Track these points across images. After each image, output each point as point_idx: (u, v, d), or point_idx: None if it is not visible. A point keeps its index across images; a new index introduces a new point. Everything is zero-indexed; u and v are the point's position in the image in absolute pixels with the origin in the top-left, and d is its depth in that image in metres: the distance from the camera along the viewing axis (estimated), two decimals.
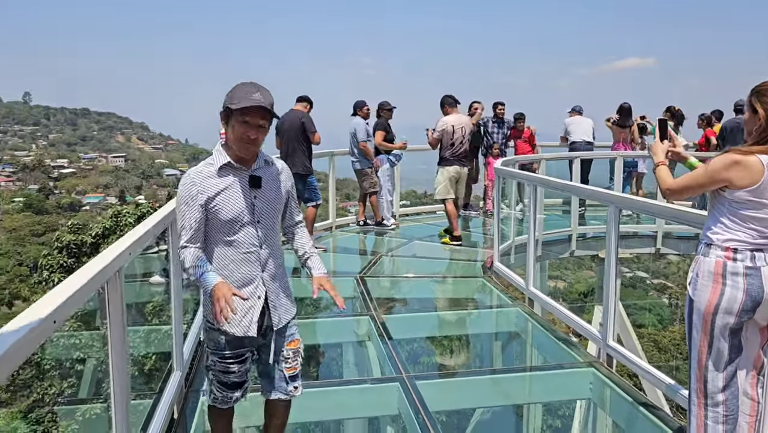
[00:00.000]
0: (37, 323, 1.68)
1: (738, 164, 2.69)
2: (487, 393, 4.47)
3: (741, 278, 2.73)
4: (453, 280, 7.43)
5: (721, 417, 2.87)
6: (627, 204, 4.34)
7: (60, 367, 8.58)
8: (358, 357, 5.11)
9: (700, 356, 2.88)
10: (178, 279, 4.08)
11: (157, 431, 3.30)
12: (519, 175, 7.13)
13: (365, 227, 9.44)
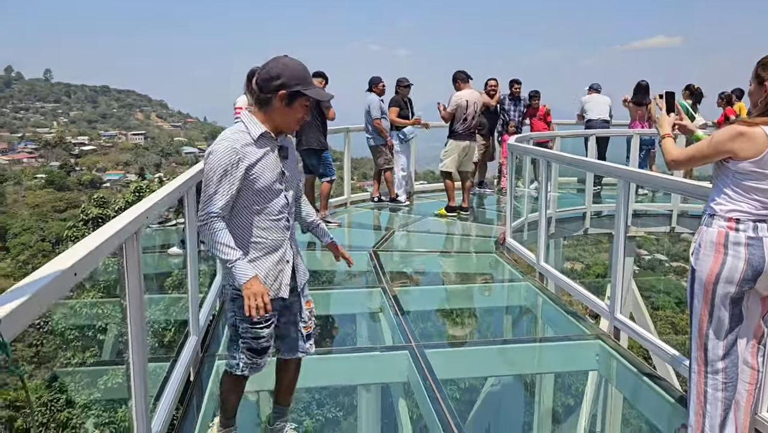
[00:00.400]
0: (59, 274, 1.78)
1: (742, 136, 2.71)
2: (495, 363, 4.56)
3: (743, 248, 2.77)
4: (465, 255, 7.50)
5: (720, 384, 2.93)
6: (636, 178, 4.36)
7: (83, 337, 8.83)
8: (370, 327, 5.23)
9: (701, 324, 2.93)
10: (194, 247, 4.20)
11: (174, 393, 3.43)
12: (532, 150, 7.14)
13: (380, 203, 9.52)
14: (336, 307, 5.73)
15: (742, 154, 2.72)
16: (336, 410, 4.17)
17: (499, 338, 5.24)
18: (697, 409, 2.99)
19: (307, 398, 4.30)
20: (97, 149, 76.74)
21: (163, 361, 4.24)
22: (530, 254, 6.12)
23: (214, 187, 2.51)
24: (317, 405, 4.45)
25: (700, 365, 2.97)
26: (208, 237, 2.52)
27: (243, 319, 2.71)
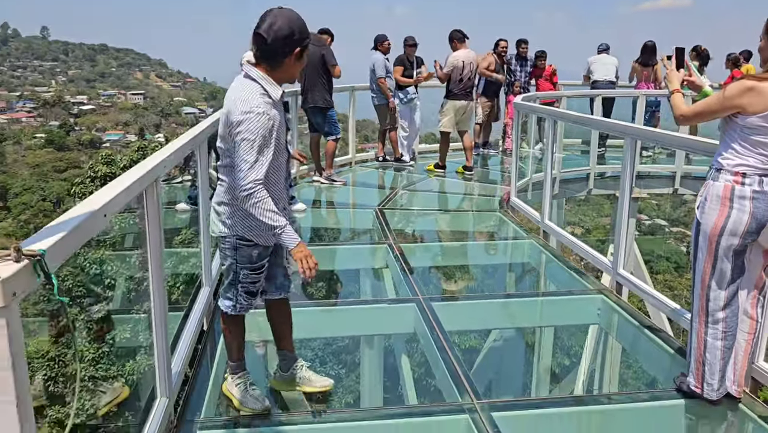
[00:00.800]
0: (91, 214, 1.85)
1: (752, 90, 2.75)
2: (500, 316, 4.68)
3: (748, 202, 2.83)
4: (470, 213, 7.58)
5: (720, 334, 3.03)
6: (643, 135, 4.39)
7: (107, 287, 8.83)
8: (376, 282, 5.33)
9: (704, 276, 3.02)
10: (206, 200, 4.27)
11: (189, 341, 3.55)
12: (537, 109, 7.15)
13: (384, 162, 9.55)
14: (342, 263, 5.82)
15: (750, 109, 2.77)
16: (343, 363, 4.30)
17: (503, 292, 5.35)
18: (697, 357, 3.10)
19: (311, 355, 4.42)
20: (96, 109, 76.10)
21: (176, 311, 4.35)
22: (534, 213, 6.19)
23: (255, 155, 2.53)
24: (321, 361, 4.57)
25: (702, 315, 3.07)
26: (256, 205, 2.55)
27: (244, 266, 2.89)
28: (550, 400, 4.11)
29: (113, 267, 5.81)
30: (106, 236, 6.45)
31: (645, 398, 3.37)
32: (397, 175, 9.09)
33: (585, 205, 26.26)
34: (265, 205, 2.55)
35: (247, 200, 2.54)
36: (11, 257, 1.41)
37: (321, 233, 6.50)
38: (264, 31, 2.57)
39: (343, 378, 4.31)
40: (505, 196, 7.37)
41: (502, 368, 5.08)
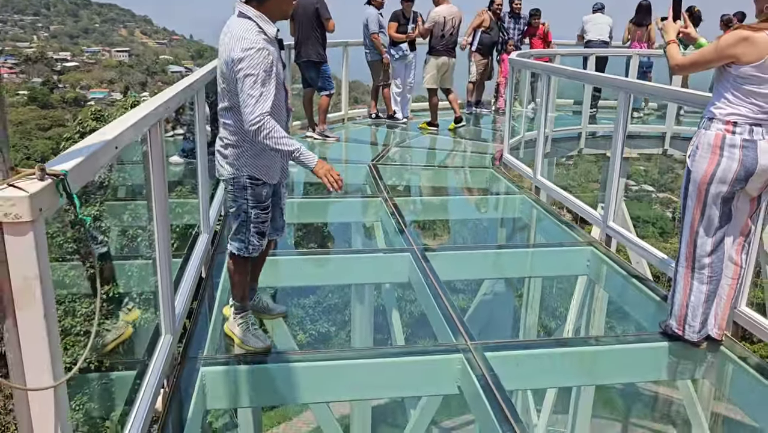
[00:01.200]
0: (104, 144, 1.89)
1: (746, 40, 2.81)
2: (493, 266, 4.80)
3: (738, 150, 2.92)
4: (462, 170, 7.65)
5: (705, 279, 3.16)
6: (636, 89, 4.44)
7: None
8: (371, 233, 5.42)
9: (693, 222, 3.12)
10: (204, 148, 4.29)
11: (188, 288, 3.62)
12: (532, 64, 7.16)
13: (377, 119, 9.53)
14: (336, 216, 5.90)
15: (744, 59, 2.83)
16: (341, 309, 4.41)
17: (495, 243, 5.46)
18: (682, 300, 3.23)
19: (309, 302, 4.53)
20: (80, 66, 74.50)
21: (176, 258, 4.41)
22: (527, 168, 6.27)
23: (259, 89, 2.59)
24: (320, 308, 4.68)
25: (689, 260, 3.18)
26: (268, 136, 2.61)
27: (255, 206, 2.96)
28: (541, 342, 4.27)
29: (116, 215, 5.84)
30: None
31: (630, 340, 3.52)
32: (389, 132, 9.10)
33: (574, 170, 26.42)
34: (277, 133, 2.61)
35: (258, 133, 2.60)
36: (36, 175, 1.46)
37: (315, 187, 6.54)
38: None
39: (341, 323, 4.44)
40: (497, 154, 7.43)
41: (494, 315, 5.23)
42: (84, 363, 1.75)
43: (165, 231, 2.85)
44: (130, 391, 2.73)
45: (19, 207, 1.37)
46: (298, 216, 5.65)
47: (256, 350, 3.17)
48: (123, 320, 3.26)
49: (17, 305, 1.44)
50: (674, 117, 9.00)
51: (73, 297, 7.17)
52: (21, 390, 1.50)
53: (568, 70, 5.98)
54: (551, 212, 5.54)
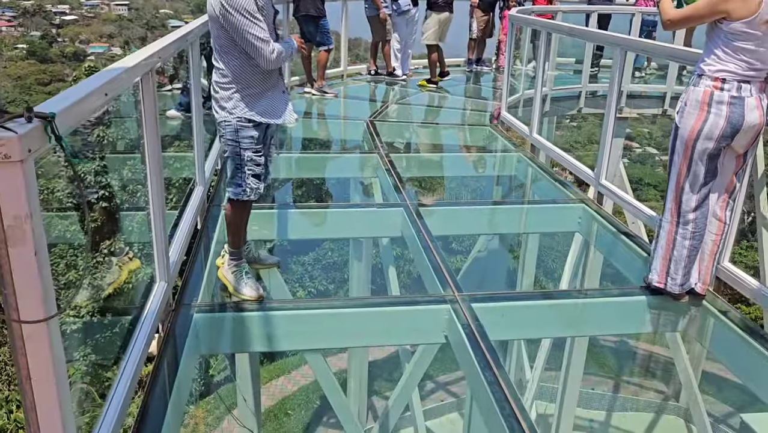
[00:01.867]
0: (93, 90, 1.93)
1: None
2: (485, 222, 4.86)
3: (725, 107, 2.94)
4: (460, 127, 7.64)
5: (689, 234, 3.22)
6: (632, 46, 4.42)
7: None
8: (366, 189, 5.46)
9: (678, 178, 3.16)
10: (199, 101, 4.31)
11: (184, 238, 3.69)
12: (532, 21, 7.08)
13: (376, 76, 9.47)
14: (333, 171, 5.93)
15: (735, 15, 2.82)
16: (335, 261, 4.50)
17: (489, 200, 5.52)
18: (664, 254, 3.30)
19: (304, 256, 4.61)
20: (79, 20, 73.35)
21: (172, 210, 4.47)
22: (524, 127, 6.27)
23: (251, 30, 2.77)
24: (315, 260, 4.77)
25: (673, 215, 3.24)
26: (279, 57, 2.88)
27: (248, 147, 3.04)
28: (526, 294, 4.37)
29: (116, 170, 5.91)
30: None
31: (615, 293, 3.61)
32: (388, 90, 9.05)
33: (577, 132, 26.27)
34: (281, 52, 2.87)
35: (277, 62, 2.87)
36: (24, 116, 1.50)
37: (312, 142, 6.57)
38: None
39: (333, 277, 4.53)
40: (495, 112, 7.42)
41: (484, 269, 5.33)
42: (79, 307, 1.83)
43: (159, 182, 2.90)
44: (125, 335, 2.83)
45: (8, 147, 1.41)
46: (296, 171, 5.70)
47: (248, 299, 3.26)
48: (117, 265, 3.36)
49: (9, 243, 1.50)
50: (675, 77, 8.92)
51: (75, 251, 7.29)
52: (15, 323, 1.58)
53: (566, 27, 5.92)
54: (546, 170, 5.57)
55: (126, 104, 4.55)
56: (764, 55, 2.90)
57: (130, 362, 2.47)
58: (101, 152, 6.94)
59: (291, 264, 10.85)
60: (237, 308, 3.24)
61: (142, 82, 2.66)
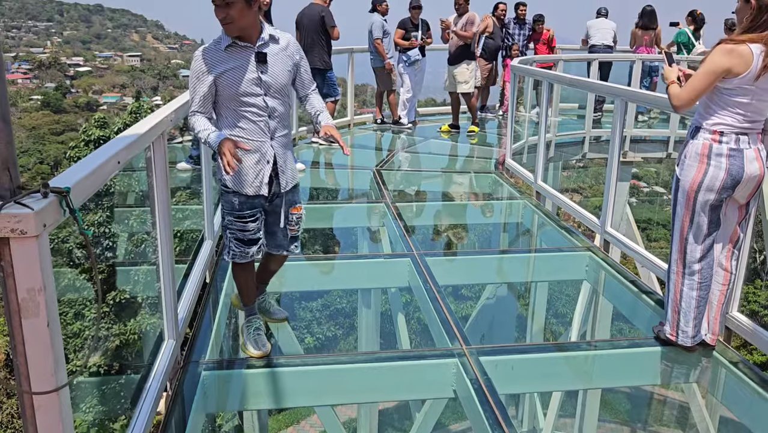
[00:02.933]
0: (106, 159, 2.00)
1: (733, 52, 2.86)
2: (492, 271, 4.87)
3: (724, 159, 2.98)
4: (466, 175, 7.73)
5: (696, 285, 3.21)
6: (632, 97, 4.51)
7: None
8: (373, 239, 5.50)
9: (682, 229, 3.18)
10: (209, 158, 4.41)
11: (193, 292, 3.73)
12: (533, 71, 7.22)
13: (382, 125, 9.63)
14: (341, 221, 5.99)
15: (735, 71, 2.87)
16: (342, 313, 4.50)
17: (496, 249, 5.53)
18: (674, 306, 3.29)
19: (312, 307, 4.63)
20: (92, 71, 75.27)
21: (180, 264, 4.52)
22: (528, 174, 6.33)
23: (190, 93, 2.83)
24: (321, 312, 4.78)
25: (679, 266, 3.24)
26: (193, 129, 2.81)
27: (228, 212, 3.01)
28: (535, 346, 4.34)
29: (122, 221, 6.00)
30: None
31: (625, 345, 3.58)
32: (395, 138, 9.20)
33: (584, 171, 26.35)
34: (196, 125, 2.78)
35: (192, 129, 2.80)
36: (40, 192, 1.56)
37: (320, 192, 6.65)
38: None
39: (341, 327, 4.53)
40: (500, 158, 7.50)
41: (492, 319, 5.30)
42: (87, 369, 1.85)
43: (168, 241, 2.95)
44: (133, 394, 2.83)
45: (24, 223, 1.47)
46: (304, 221, 5.76)
47: (253, 356, 3.25)
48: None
49: (23, 315, 1.54)
50: (678, 121, 9.02)
51: (84, 301, 7.33)
52: (26, 394, 1.60)
53: (567, 78, 6.04)
54: (552, 217, 5.60)
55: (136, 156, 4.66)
56: (758, 108, 2.96)
57: (138, 423, 2.47)
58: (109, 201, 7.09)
59: (299, 310, 10.84)
60: (245, 364, 3.24)
61: (153, 145, 2.75)
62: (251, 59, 2.80)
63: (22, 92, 64.59)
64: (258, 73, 2.81)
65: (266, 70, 2.82)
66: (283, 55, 2.89)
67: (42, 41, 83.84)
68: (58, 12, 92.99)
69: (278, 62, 2.87)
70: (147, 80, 72.80)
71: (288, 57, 2.91)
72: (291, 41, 2.95)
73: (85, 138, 14.43)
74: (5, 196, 1.52)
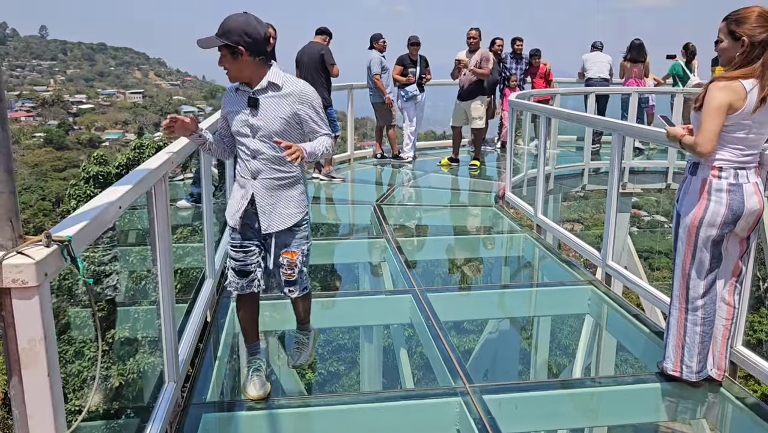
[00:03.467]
0: (108, 206, 2.01)
1: (728, 88, 2.90)
2: (494, 306, 4.85)
3: (724, 194, 2.99)
4: (466, 208, 7.75)
5: (699, 320, 3.20)
6: (629, 131, 4.55)
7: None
8: (374, 274, 5.49)
9: (684, 265, 3.18)
10: (210, 196, 4.43)
11: (193, 332, 3.71)
12: (531, 106, 7.31)
13: (382, 159, 9.70)
14: (341, 256, 5.98)
15: (735, 106, 2.89)
16: (343, 351, 4.47)
17: (497, 284, 5.52)
18: (677, 342, 3.27)
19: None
20: (95, 108, 76.18)
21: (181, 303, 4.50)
22: (528, 207, 6.35)
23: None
24: (322, 350, 4.75)
25: (682, 302, 3.23)
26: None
27: (228, 240, 3.15)
28: (538, 383, 4.28)
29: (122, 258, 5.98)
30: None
31: (629, 381, 3.54)
32: (395, 172, 9.25)
33: (584, 201, 26.40)
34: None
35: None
36: (42, 242, 1.57)
37: (321, 228, 6.66)
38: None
39: (343, 362, 4.49)
40: (500, 192, 7.53)
41: (494, 356, 5.25)
42: (87, 413, 1.84)
43: (169, 281, 2.95)
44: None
45: (26, 273, 1.48)
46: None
47: (250, 398, 3.21)
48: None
49: (23, 365, 1.53)
50: (676, 152, 9.08)
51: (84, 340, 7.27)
52: None
53: (564, 113, 6.11)
54: (553, 251, 5.60)
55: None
56: (755, 141, 2.99)
57: None
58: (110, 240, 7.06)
59: None
60: (246, 406, 3.21)
61: (155, 187, 2.77)
62: (245, 102, 2.94)
63: (25, 130, 65.25)
64: (249, 116, 2.93)
65: (256, 114, 2.92)
66: (280, 102, 2.92)
67: (45, 79, 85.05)
68: (62, 51, 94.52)
69: (271, 108, 2.92)
70: (149, 116, 73.52)
71: (287, 105, 2.93)
72: (296, 91, 2.95)
73: (85, 175, 14.49)
74: (7, 247, 1.53)
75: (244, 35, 2.78)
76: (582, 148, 9.63)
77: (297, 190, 3.09)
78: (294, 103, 2.95)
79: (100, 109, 76.12)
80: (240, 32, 2.77)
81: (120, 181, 2.41)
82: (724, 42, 2.97)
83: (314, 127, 3.04)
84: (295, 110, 2.96)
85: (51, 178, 51.15)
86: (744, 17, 2.88)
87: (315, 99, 3.02)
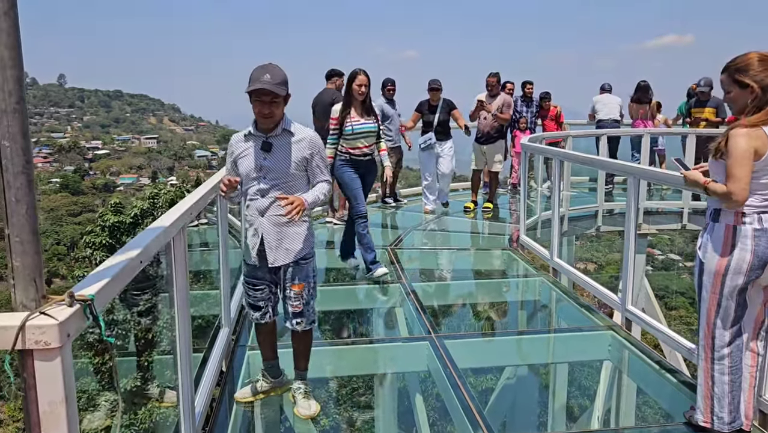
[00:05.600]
0: (129, 261, 2.02)
1: (750, 134, 2.88)
2: (512, 353, 4.76)
3: (750, 240, 2.95)
4: (480, 252, 7.70)
5: (726, 369, 3.12)
6: (644, 174, 4.54)
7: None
8: (390, 320, 5.44)
9: (709, 314, 3.11)
10: (225, 243, 4.44)
11: (210, 383, 3.67)
12: (544, 150, 7.33)
13: (385, 204, 9.61)
14: (356, 302, 5.94)
15: (760, 152, 2.87)
16: (358, 400, 4.38)
17: (515, 329, 5.44)
18: (705, 392, 3.18)
19: (325, 394, 4.53)
20: (110, 153, 77.58)
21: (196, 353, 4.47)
22: (544, 250, 6.31)
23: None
24: (336, 399, 4.67)
25: (708, 351, 3.15)
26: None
27: (244, 274, 3.46)
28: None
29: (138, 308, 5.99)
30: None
31: (654, 432, 3.43)
32: (407, 215, 9.23)
33: (597, 241, 26.23)
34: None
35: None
36: (65, 302, 1.57)
37: (335, 273, 6.63)
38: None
39: (358, 416, 4.40)
40: (514, 234, 7.50)
41: (514, 404, 5.13)
42: None
43: (186, 332, 2.93)
44: None
45: (48, 335, 1.47)
46: (319, 303, 5.70)
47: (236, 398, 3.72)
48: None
49: (43, 428, 1.51)
50: (691, 192, 9.03)
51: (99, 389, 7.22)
52: None
53: (577, 156, 6.12)
54: (570, 295, 5.53)
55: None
56: None
57: None
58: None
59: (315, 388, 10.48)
60: None
61: (174, 241, 2.78)
62: (259, 147, 3.21)
63: (41, 176, 66.40)
64: (261, 159, 3.21)
65: (270, 157, 3.21)
66: (293, 147, 3.24)
67: (63, 126, 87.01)
68: (79, 98, 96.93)
69: (284, 152, 3.22)
70: (163, 161, 74.72)
71: (298, 150, 3.25)
72: (308, 139, 3.28)
73: (101, 223, 14.65)
74: (31, 308, 1.53)
75: (287, 86, 3.13)
76: (595, 189, 9.62)
77: (303, 227, 3.36)
78: (305, 149, 3.26)
79: (116, 155, 77.51)
80: (287, 82, 3.12)
81: (141, 234, 2.42)
82: (732, 92, 2.98)
83: (316, 171, 3.36)
84: (305, 155, 3.26)
85: (66, 222, 51.76)
86: (746, 64, 2.89)
87: (322, 146, 3.37)
